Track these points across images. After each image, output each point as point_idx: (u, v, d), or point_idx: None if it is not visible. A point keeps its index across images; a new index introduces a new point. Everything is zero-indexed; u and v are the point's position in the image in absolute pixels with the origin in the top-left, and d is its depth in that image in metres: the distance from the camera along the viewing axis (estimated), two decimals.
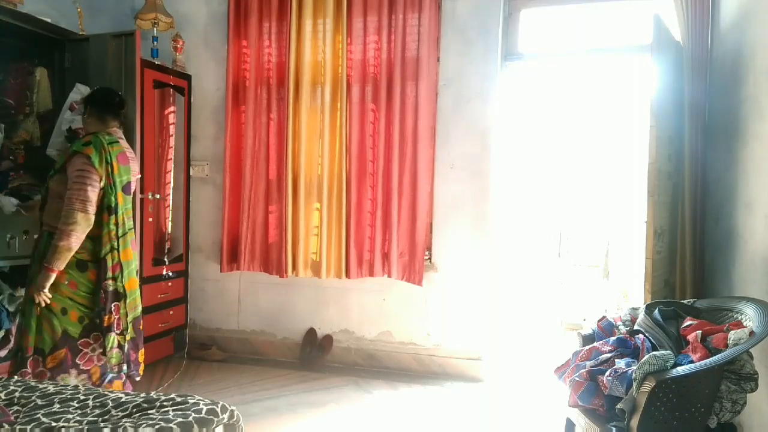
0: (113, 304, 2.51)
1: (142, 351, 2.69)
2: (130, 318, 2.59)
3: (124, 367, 2.57)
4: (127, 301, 2.56)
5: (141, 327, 2.70)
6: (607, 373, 1.91)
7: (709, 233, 2.99)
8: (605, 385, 1.90)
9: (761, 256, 2.36)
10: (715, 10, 3.03)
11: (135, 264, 2.64)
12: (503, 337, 4.39)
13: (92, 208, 2.42)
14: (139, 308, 2.67)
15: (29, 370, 2.40)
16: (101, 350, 2.51)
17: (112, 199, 2.51)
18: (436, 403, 3.25)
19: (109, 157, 2.49)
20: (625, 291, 4.91)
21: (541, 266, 5.73)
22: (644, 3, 3.47)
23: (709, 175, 3.00)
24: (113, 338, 2.52)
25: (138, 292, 2.66)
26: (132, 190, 2.68)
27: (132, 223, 2.65)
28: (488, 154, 3.61)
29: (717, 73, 2.99)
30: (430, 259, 3.72)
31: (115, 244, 2.52)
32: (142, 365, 2.70)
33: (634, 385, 1.77)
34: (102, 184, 2.47)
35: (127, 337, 2.58)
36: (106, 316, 2.49)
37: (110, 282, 2.50)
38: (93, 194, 2.42)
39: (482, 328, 3.65)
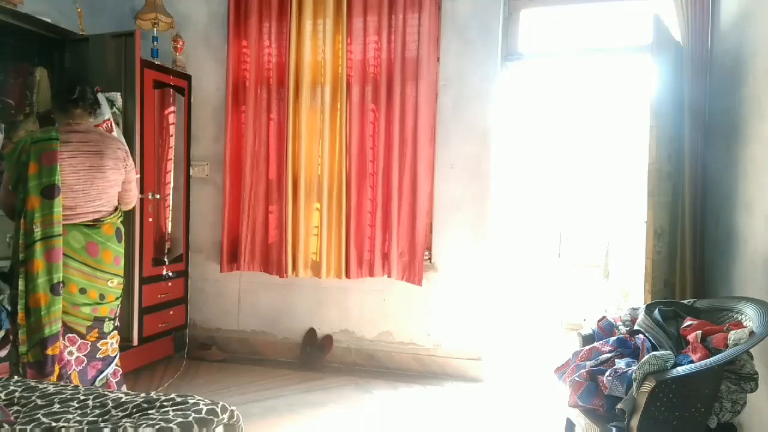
0: (14, 319, 2.33)
1: (51, 379, 2.28)
2: (34, 339, 2.27)
3: None
4: (30, 319, 2.27)
5: (54, 351, 2.29)
6: (607, 373, 1.91)
7: (709, 233, 2.99)
8: (605, 385, 1.90)
9: (761, 256, 2.36)
10: (715, 10, 3.03)
11: (47, 278, 2.28)
12: (503, 337, 4.39)
13: (4, 210, 2.46)
14: (49, 330, 2.28)
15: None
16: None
17: (20, 203, 2.32)
18: (436, 403, 3.25)
19: (25, 157, 2.30)
20: (625, 291, 4.91)
21: (541, 266, 5.73)
22: (644, 3, 3.47)
23: (709, 175, 3.00)
24: (12, 353, 2.35)
25: (50, 310, 2.28)
26: (83, 187, 2.41)
27: (56, 230, 2.30)
28: (488, 154, 3.61)
29: (717, 73, 2.99)
30: (430, 259, 3.72)
31: (21, 254, 2.29)
32: None
33: (634, 385, 1.77)
34: (11, 186, 2.36)
35: (25, 359, 2.28)
36: (6, 329, 2.35)
37: (13, 292, 2.33)
38: (3, 196, 2.44)
39: (482, 328, 3.65)
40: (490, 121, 3.60)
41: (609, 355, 2.05)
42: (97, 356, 2.50)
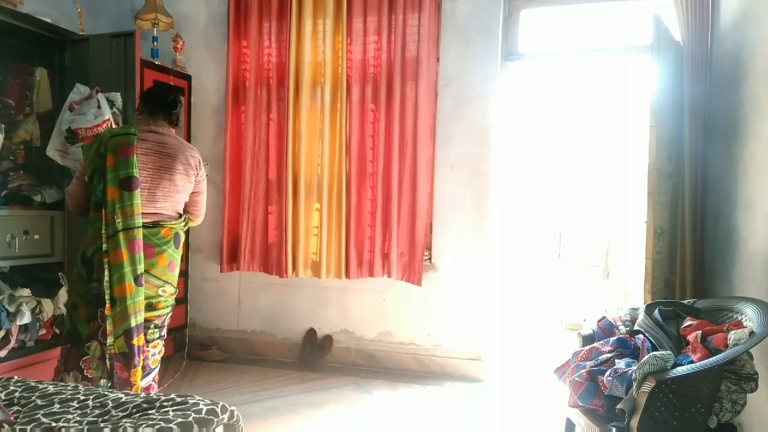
0: (99, 310, 2.33)
1: (136, 370, 2.33)
2: (119, 329, 2.30)
3: (102, 383, 2.33)
4: (116, 309, 2.29)
5: (139, 342, 2.34)
6: (607, 373, 1.91)
7: (709, 233, 2.99)
8: (605, 385, 1.90)
9: (761, 256, 2.36)
10: (715, 10, 3.03)
11: (131, 268, 2.31)
12: (503, 337, 4.38)
13: (71, 200, 2.47)
14: (135, 320, 2.31)
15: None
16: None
17: (98, 194, 2.34)
18: (436, 403, 3.25)
19: (104, 150, 2.33)
20: (625, 291, 4.91)
21: (541, 266, 5.73)
22: (644, 3, 3.47)
23: (709, 175, 3.00)
24: (95, 347, 2.34)
25: (134, 300, 2.31)
26: (149, 186, 2.40)
27: (137, 221, 2.33)
28: (488, 154, 3.61)
29: (717, 73, 2.99)
30: (429, 259, 3.72)
31: (101, 244, 2.31)
32: (137, 386, 2.34)
33: (634, 385, 1.77)
34: (86, 177, 2.37)
35: (112, 350, 2.31)
36: (92, 322, 2.34)
37: (94, 285, 2.34)
38: (74, 187, 2.45)
39: (482, 328, 3.65)
40: (490, 121, 3.60)
41: (609, 355, 2.05)
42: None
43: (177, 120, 2.61)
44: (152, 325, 2.46)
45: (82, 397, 1.78)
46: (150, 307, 2.42)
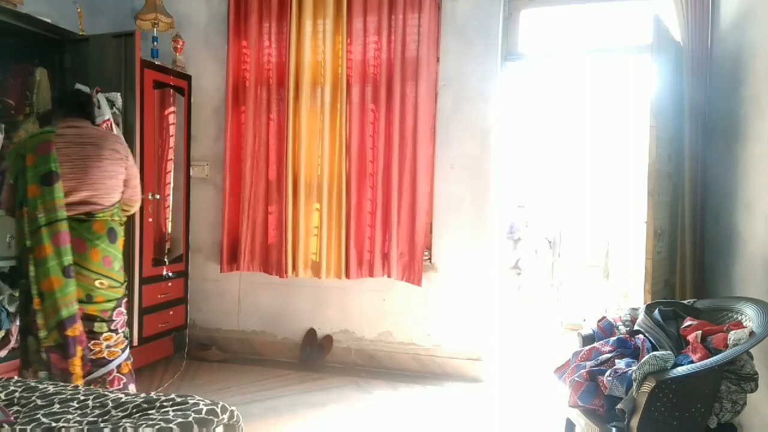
0: (31, 306, 2.35)
1: (73, 360, 2.34)
2: (52, 322, 2.31)
3: (42, 375, 2.33)
4: (45, 303, 2.31)
5: (74, 333, 2.34)
6: (607, 373, 1.91)
7: (709, 233, 2.99)
8: (605, 385, 1.90)
9: (761, 256, 2.36)
10: (715, 10, 3.03)
11: (57, 261, 2.32)
12: (503, 337, 4.38)
13: (3, 204, 2.51)
14: (66, 311, 2.32)
15: None
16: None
17: (21, 193, 2.38)
18: (436, 404, 3.25)
19: (23, 151, 2.39)
20: (625, 291, 4.91)
21: (541, 266, 5.74)
22: (644, 3, 3.47)
23: (709, 175, 3.00)
24: (31, 341, 2.37)
25: (64, 293, 2.32)
26: (76, 175, 2.41)
27: (59, 214, 2.34)
28: (488, 154, 3.61)
29: (717, 73, 2.99)
30: (429, 259, 3.72)
31: (26, 241, 2.34)
32: (76, 375, 2.34)
33: (634, 385, 1.77)
34: (11, 180, 2.42)
35: (46, 343, 2.32)
36: (26, 317, 2.38)
37: (23, 281, 2.38)
38: (5, 192, 2.49)
39: (482, 328, 3.65)
40: (490, 121, 3.60)
41: (609, 355, 2.05)
42: (89, 357, 2.47)
43: (93, 117, 2.71)
44: (98, 319, 2.48)
45: (82, 397, 1.78)
46: (89, 299, 2.45)
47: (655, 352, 1.82)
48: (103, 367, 2.49)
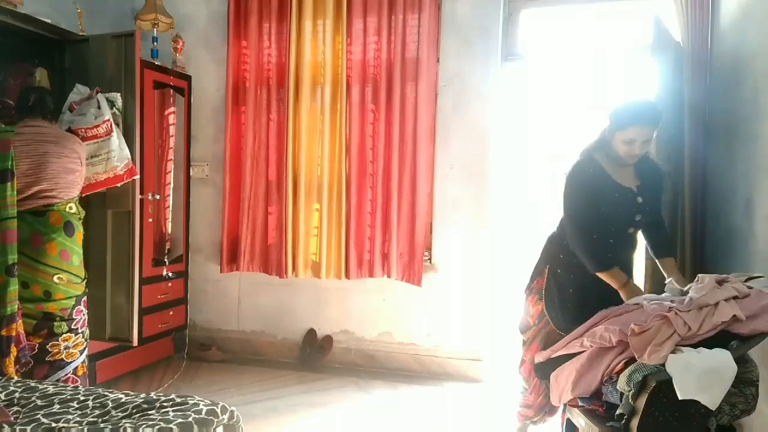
0: None
1: (8, 360, 2.28)
2: None
3: None
4: None
5: (8, 332, 2.29)
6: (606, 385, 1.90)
7: (709, 233, 2.99)
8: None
9: (761, 256, 2.36)
10: (715, 10, 3.03)
11: (2, 259, 2.31)
12: (503, 337, 4.38)
13: None
14: (3, 310, 2.30)
15: None
16: None
17: None
18: (436, 404, 3.25)
19: None
20: None
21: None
22: (644, 3, 3.47)
23: (708, 175, 3.00)
24: None
25: (5, 291, 2.31)
26: (34, 170, 2.45)
27: (9, 212, 2.34)
28: (488, 154, 3.61)
29: (717, 74, 2.99)
30: (429, 259, 3.72)
31: None
32: (8, 376, 2.26)
33: (631, 387, 1.75)
34: None
35: None
36: None
37: None
38: None
39: (482, 328, 3.65)
40: (490, 121, 3.60)
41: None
42: (46, 359, 2.43)
43: (51, 115, 2.69)
44: (57, 318, 2.46)
45: (82, 398, 1.78)
46: (48, 296, 2.43)
47: None
48: (61, 370, 2.47)
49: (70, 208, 2.57)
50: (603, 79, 5.08)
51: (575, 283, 2.39)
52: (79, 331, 2.56)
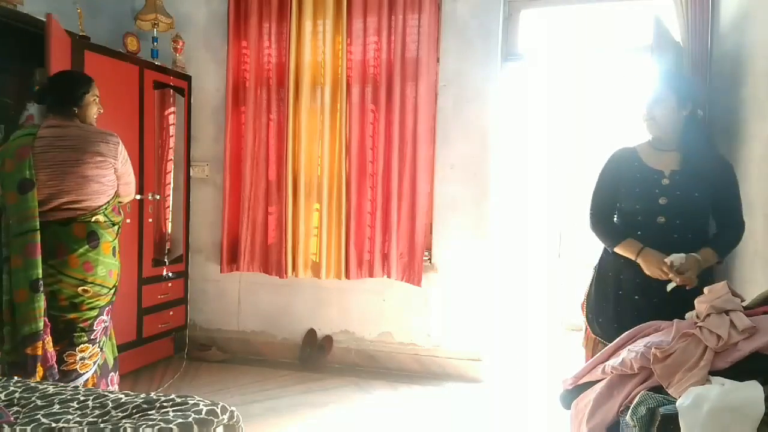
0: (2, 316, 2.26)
1: (33, 379, 2.18)
2: (17, 338, 2.20)
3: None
4: (15, 315, 2.21)
5: (34, 352, 2.21)
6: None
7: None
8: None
9: (761, 256, 2.36)
10: (715, 10, 3.03)
11: (25, 274, 2.22)
12: (503, 337, 4.38)
13: None
14: (29, 328, 2.21)
15: None
16: None
17: (1, 200, 2.29)
18: (436, 404, 3.25)
19: (5, 154, 2.30)
20: None
21: (541, 266, 5.73)
22: (644, 3, 3.47)
23: None
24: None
25: (29, 307, 2.21)
26: (53, 182, 2.30)
27: (32, 224, 2.23)
28: (488, 154, 3.61)
29: (717, 74, 2.99)
30: (429, 259, 3.72)
31: (3, 250, 2.26)
32: None
33: (636, 423, 1.56)
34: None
35: (8, 358, 2.22)
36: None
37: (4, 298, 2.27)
38: None
39: (482, 328, 3.65)
40: (490, 121, 3.60)
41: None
42: (60, 368, 2.37)
43: (71, 109, 2.43)
44: (77, 329, 2.38)
45: (82, 398, 1.78)
46: (73, 307, 2.35)
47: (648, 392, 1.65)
48: (73, 382, 2.38)
49: (97, 219, 2.40)
50: (603, 79, 5.08)
51: (613, 280, 2.25)
52: (98, 341, 2.47)
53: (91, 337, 2.43)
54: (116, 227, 2.51)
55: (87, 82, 2.50)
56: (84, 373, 2.44)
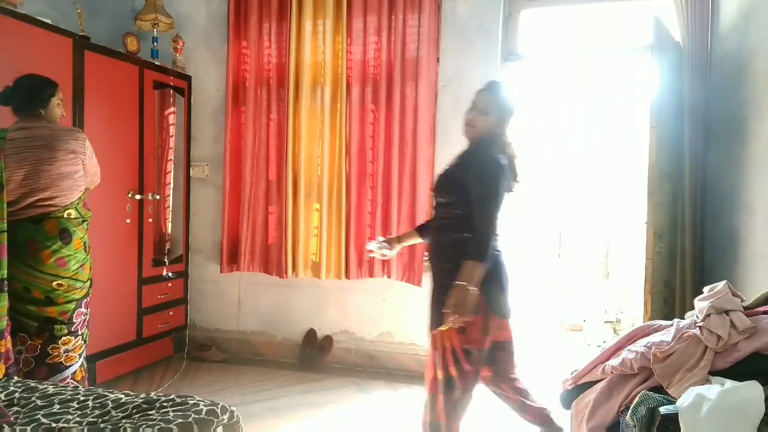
0: None
1: None
2: None
3: None
4: None
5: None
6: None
7: (709, 233, 2.99)
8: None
9: (761, 256, 2.36)
10: (715, 11, 3.03)
11: None
12: None
13: None
14: None
15: None
16: None
17: None
18: None
19: None
20: (625, 291, 4.91)
21: (541, 266, 5.73)
22: (644, 3, 3.47)
23: (709, 176, 3.00)
24: None
25: None
26: (27, 181, 2.33)
27: (1, 225, 2.21)
28: None
29: (717, 74, 2.99)
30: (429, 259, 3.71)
31: None
32: None
33: (636, 423, 1.59)
34: None
35: None
36: None
37: None
38: None
39: None
40: None
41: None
42: (46, 361, 2.42)
43: (37, 111, 2.45)
44: (57, 322, 2.43)
45: (81, 398, 1.78)
46: (48, 301, 2.41)
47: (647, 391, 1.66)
48: (59, 374, 2.44)
49: (69, 214, 2.47)
50: (603, 79, 5.08)
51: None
52: (79, 333, 2.53)
53: (72, 329, 2.49)
54: (85, 223, 2.58)
55: (53, 85, 2.54)
56: (70, 365, 2.49)
